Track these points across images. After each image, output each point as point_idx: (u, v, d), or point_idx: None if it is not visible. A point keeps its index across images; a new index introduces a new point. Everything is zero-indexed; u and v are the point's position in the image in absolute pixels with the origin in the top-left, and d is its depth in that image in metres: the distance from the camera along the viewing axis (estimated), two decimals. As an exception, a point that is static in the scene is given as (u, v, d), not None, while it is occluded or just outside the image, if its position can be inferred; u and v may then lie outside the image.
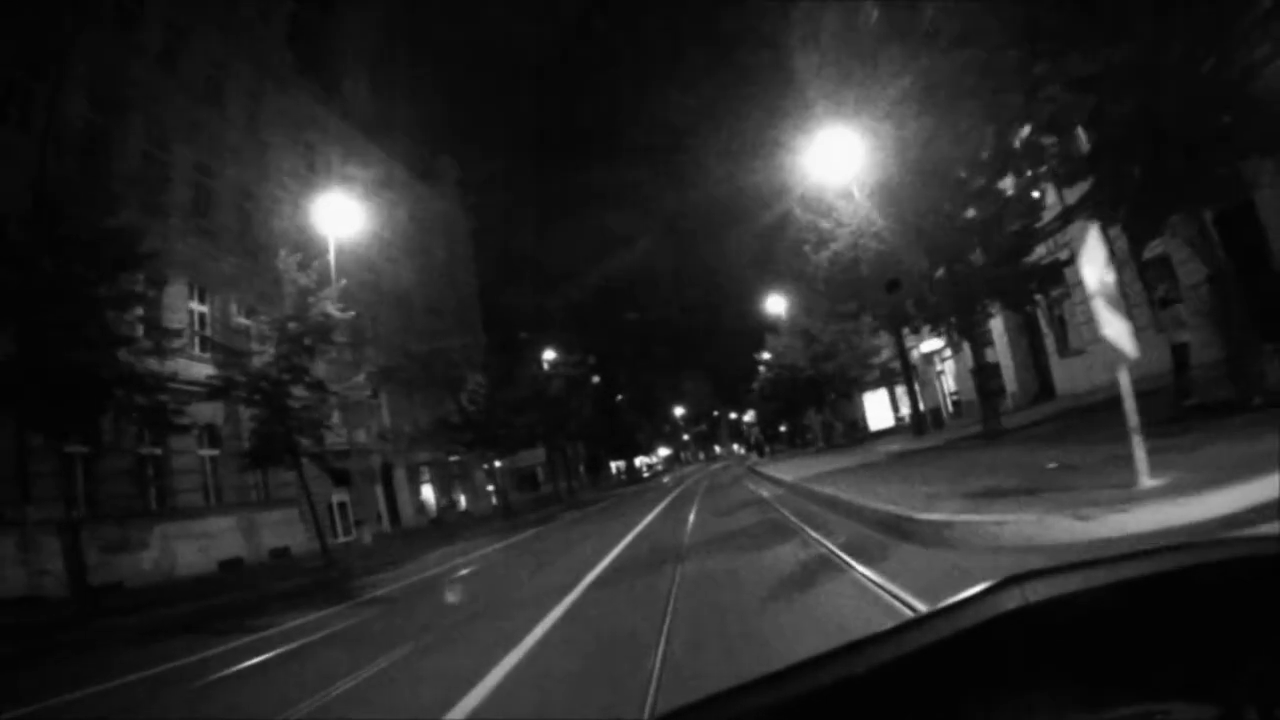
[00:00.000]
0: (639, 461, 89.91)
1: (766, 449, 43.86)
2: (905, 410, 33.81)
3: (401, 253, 45.05)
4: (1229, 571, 0.89)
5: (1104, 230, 7.19)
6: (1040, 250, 18.06)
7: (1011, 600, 0.86)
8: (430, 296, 47.77)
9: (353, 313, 24.77)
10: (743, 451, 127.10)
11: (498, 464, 47.14)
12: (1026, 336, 26.81)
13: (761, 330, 48.70)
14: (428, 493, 42.25)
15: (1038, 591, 0.87)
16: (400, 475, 39.19)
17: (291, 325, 21.42)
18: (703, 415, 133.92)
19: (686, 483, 39.30)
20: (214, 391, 22.18)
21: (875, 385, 34.73)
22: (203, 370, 23.73)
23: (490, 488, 48.02)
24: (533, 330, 47.97)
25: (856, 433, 37.74)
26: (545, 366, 45.77)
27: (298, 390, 21.87)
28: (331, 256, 27.22)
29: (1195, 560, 0.91)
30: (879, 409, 33.78)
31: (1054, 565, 0.91)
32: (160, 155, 26.83)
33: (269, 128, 33.43)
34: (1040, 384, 26.00)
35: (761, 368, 61.83)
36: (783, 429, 68.63)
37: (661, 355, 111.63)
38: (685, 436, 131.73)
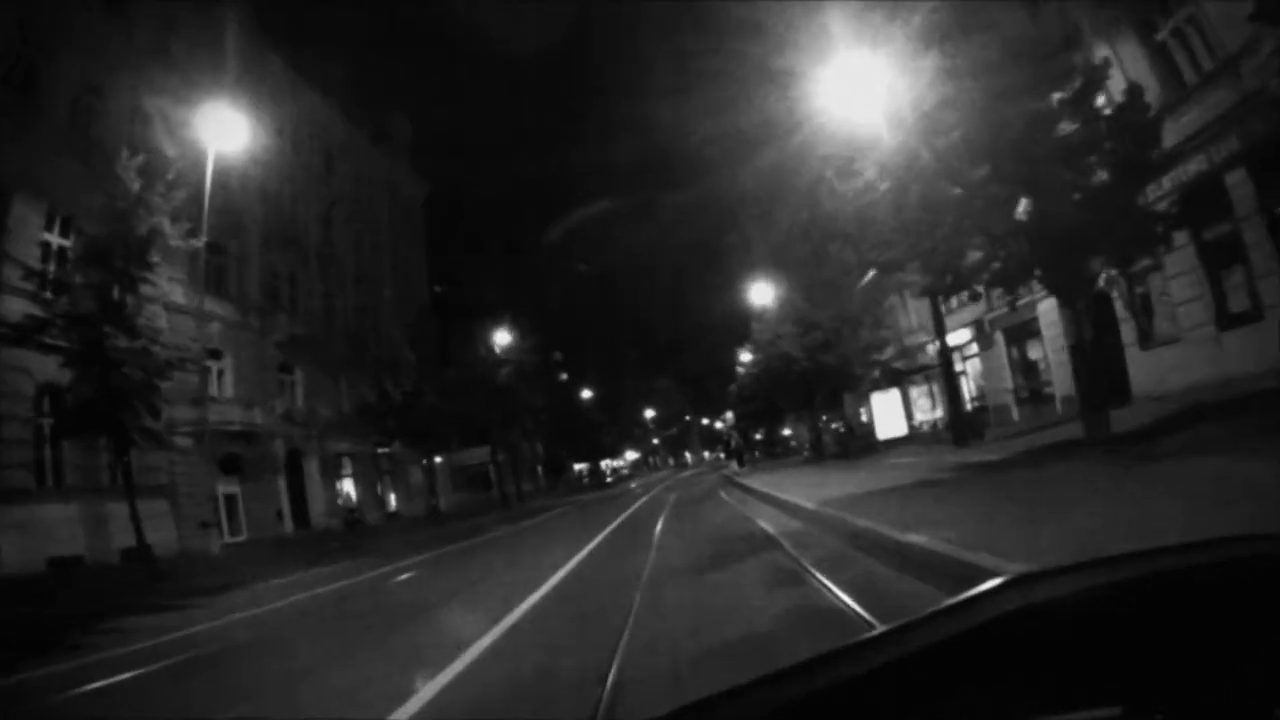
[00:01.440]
0: (604, 465, 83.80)
1: (746, 455, 38.16)
2: (924, 415, 28.29)
3: (331, 210, 38.81)
4: (1229, 571, 0.88)
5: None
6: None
7: (1012, 601, 0.85)
8: (366, 265, 41.54)
9: (202, 239, 18.71)
10: (716, 458, 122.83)
11: (438, 460, 41.17)
12: (1085, 325, 21.19)
13: (740, 332, 43.40)
14: (350, 489, 35.98)
15: (1038, 592, 0.86)
16: (312, 466, 32.96)
17: (106, 239, 15.64)
18: (674, 419, 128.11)
19: (654, 490, 33.81)
20: (20, 335, 16.78)
21: (884, 384, 29.09)
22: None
23: (439, 484, 42.07)
24: (488, 314, 41.73)
25: (854, 440, 32.12)
26: (497, 352, 39.61)
27: (122, 339, 16.08)
28: (208, 176, 21.37)
29: (1195, 560, 0.90)
30: (889, 413, 28.15)
31: (1054, 566, 0.91)
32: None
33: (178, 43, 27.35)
34: (1110, 383, 20.40)
35: (741, 367, 56.46)
36: (758, 436, 63.79)
37: (632, 355, 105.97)
38: (655, 440, 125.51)
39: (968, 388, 28.94)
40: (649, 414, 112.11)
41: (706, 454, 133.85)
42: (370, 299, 40.48)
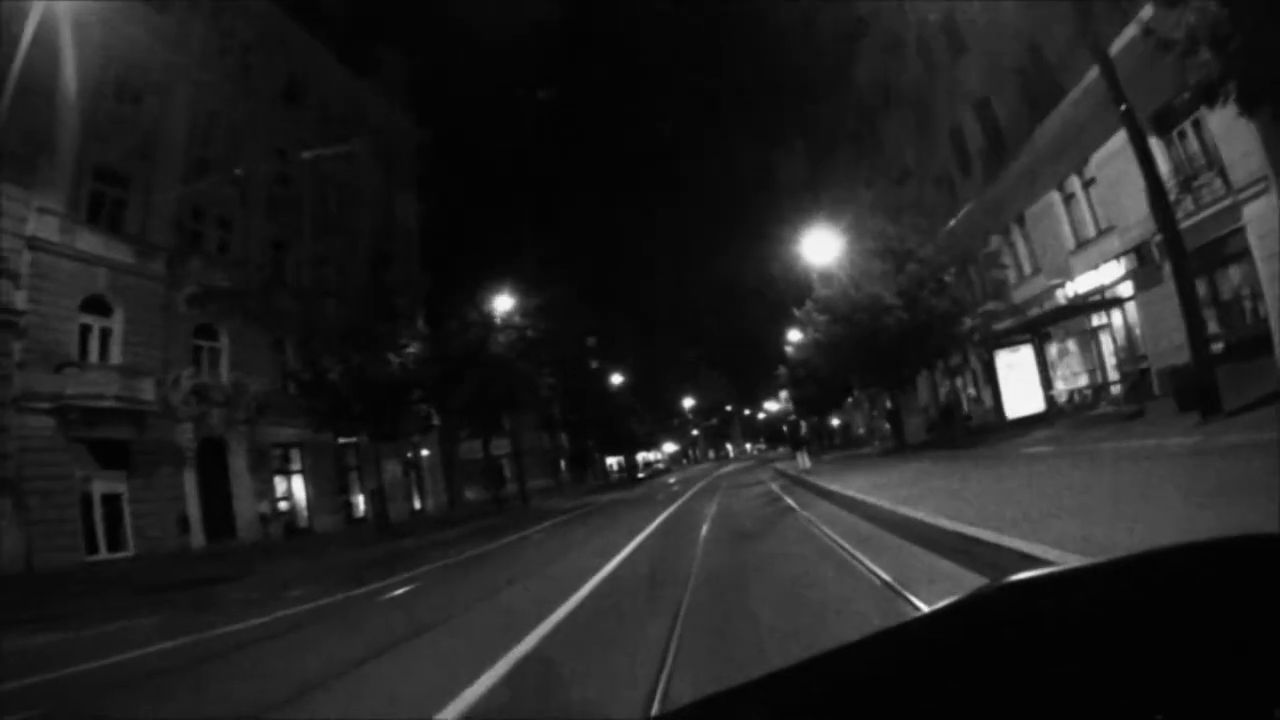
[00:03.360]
0: (639, 458, 75.46)
1: (814, 447, 29.09)
2: (1066, 383, 19.59)
3: (290, 144, 31.13)
4: (1229, 570, 0.87)
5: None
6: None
7: (1011, 600, 0.87)
8: (336, 214, 33.80)
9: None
10: (759, 449, 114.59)
11: (425, 453, 33.39)
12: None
13: (788, 309, 34.94)
14: (298, 488, 28.32)
15: (1037, 592, 0.88)
16: (238, 459, 25.35)
17: None
18: (714, 409, 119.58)
19: (690, 493, 25.92)
20: None
21: (1011, 340, 20.35)
22: None
23: (428, 483, 34.41)
24: (491, 279, 33.46)
25: (959, 422, 23.54)
26: (495, 320, 31.52)
27: None
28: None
29: (1195, 560, 0.90)
30: (1021, 380, 19.23)
31: (1055, 567, 0.91)
32: None
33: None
34: None
35: (790, 346, 47.77)
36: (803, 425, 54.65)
37: (672, 340, 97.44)
38: (694, 432, 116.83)
39: (1110, 346, 20.23)
40: (688, 403, 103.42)
41: (749, 446, 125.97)
42: (340, 253, 32.68)
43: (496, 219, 65.51)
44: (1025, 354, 19.65)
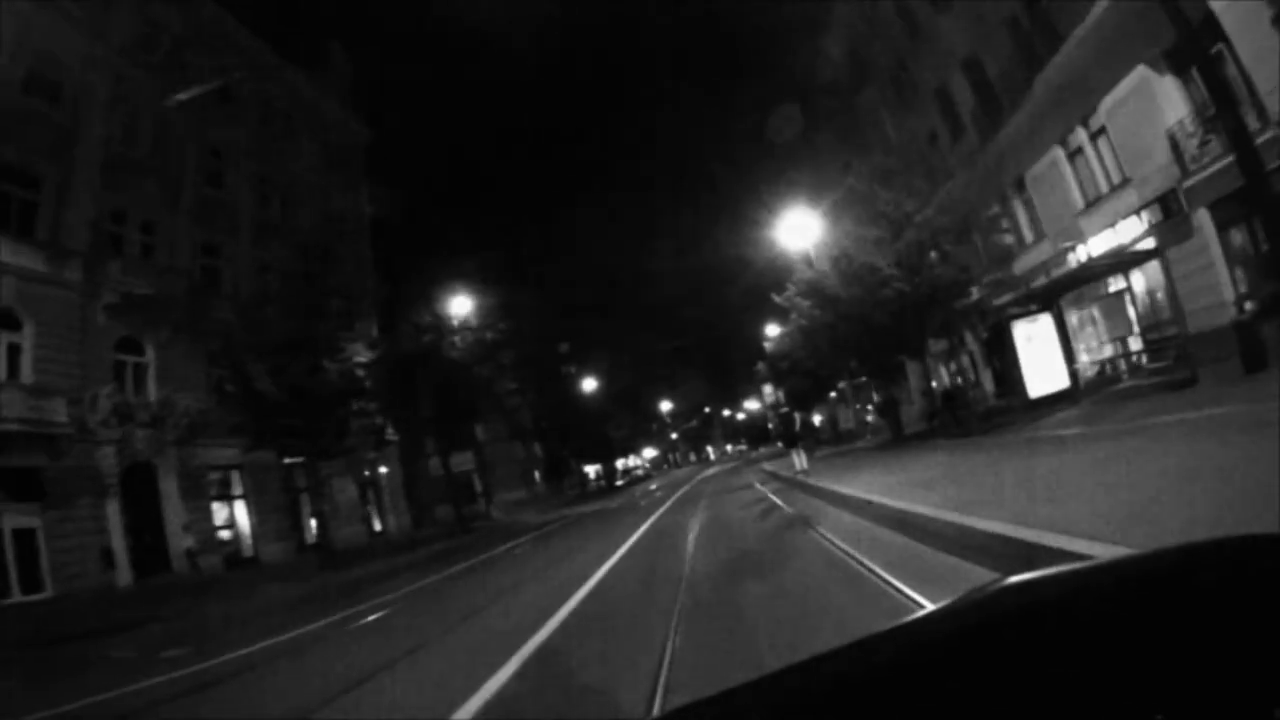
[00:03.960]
0: (619, 465, 72.95)
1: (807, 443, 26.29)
2: (1092, 354, 17.63)
3: (223, 143, 28.68)
4: (1229, 570, 0.86)
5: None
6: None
7: (1011, 600, 0.86)
8: (276, 216, 31.29)
9: None
10: (739, 450, 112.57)
11: (383, 470, 30.95)
12: None
13: (768, 302, 32.87)
14: (240, 514, 25.76)
15: (1037, 591, 0.87)
16: (170, 484, 22.83)
17: None
18: (694, 411, 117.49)
19: (671, 504, 23.81)
20: None
21: (1029, 310, 18.21)
22: None
23: (387, 502, 31.90)
24: (449, 281, 30.86)
25: (961, 407, 21.52)
26: (452, 323, 29.12)
27: None
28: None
29: (1195, 560, 0.89)
30: (1042, 354, 16.98)
31: (1056, 567, 0.91)
32: None
33: None
34: None
35: (769, 342, 45.81)
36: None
37: (647, 343, 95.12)
38: (674, 435, 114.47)
39: (1131, 313, 18.29)
40: (666, 406, 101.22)
41: (729, 447, 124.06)
42: (283, 258, 30.12)
43: (457, 221, 62.92)
44: (1045, 325, 17.59)
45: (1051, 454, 9.39)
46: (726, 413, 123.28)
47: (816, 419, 50.38)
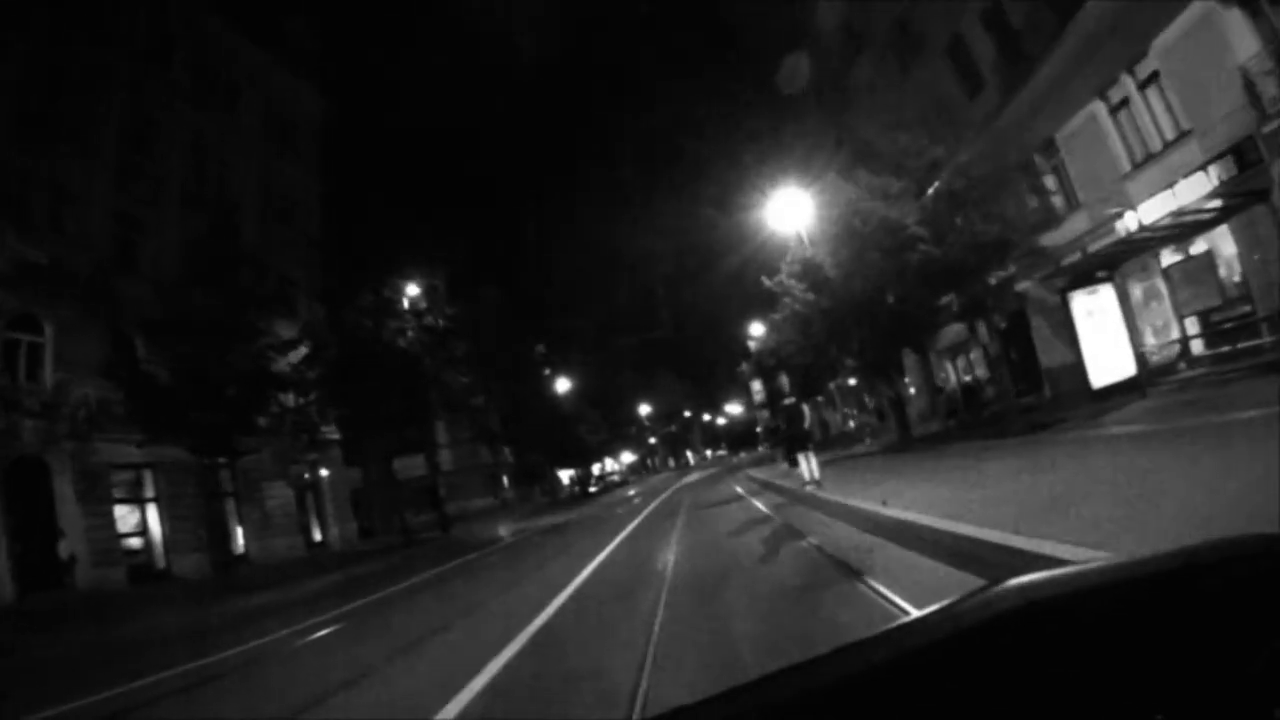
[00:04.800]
0: (595, 470, 69.66)
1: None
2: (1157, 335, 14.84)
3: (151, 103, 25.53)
4: (1228, 571, 0.87)
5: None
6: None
7: (1011, 600, 0.86)
8: (212, 186, 28.05)
9: None
10: (719, 456, 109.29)
11: (323, 472, 27.85)
12: None
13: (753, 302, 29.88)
14: (153, 520, 22.52)
15: (1037, 591, 0.87)
16: (64, 484, 19.64)
17: None
18: (672, 415, 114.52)
19: (652, 507, 21.12)
20: None
21: (1083, 280, 15.24)
22: None
23: (329, 510, 28.68)
24: (406, 269, 27.63)
25: (976, 404, 18.78)
26: (405, 308, 26.07)
27: None
28: None
29: (1195, 560, 0.89)
30: (1104, 335, 13.92)
31: (1054, 567, 0.93)
32: None
33: None
34: None
35: (754, 341, 42.95)
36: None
37: (625, 344, 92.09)
38: (652, 440, 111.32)
39: (1207, 284, 15.50)
40: (645, 409, 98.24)
41: (709, 452, 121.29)
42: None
43: (426, 212, 59.54)
44: (1106, 298, 14.56)
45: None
46: (706, 417, 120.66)
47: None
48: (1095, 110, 16.95)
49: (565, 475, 66.58)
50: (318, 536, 27.90)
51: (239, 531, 24.69)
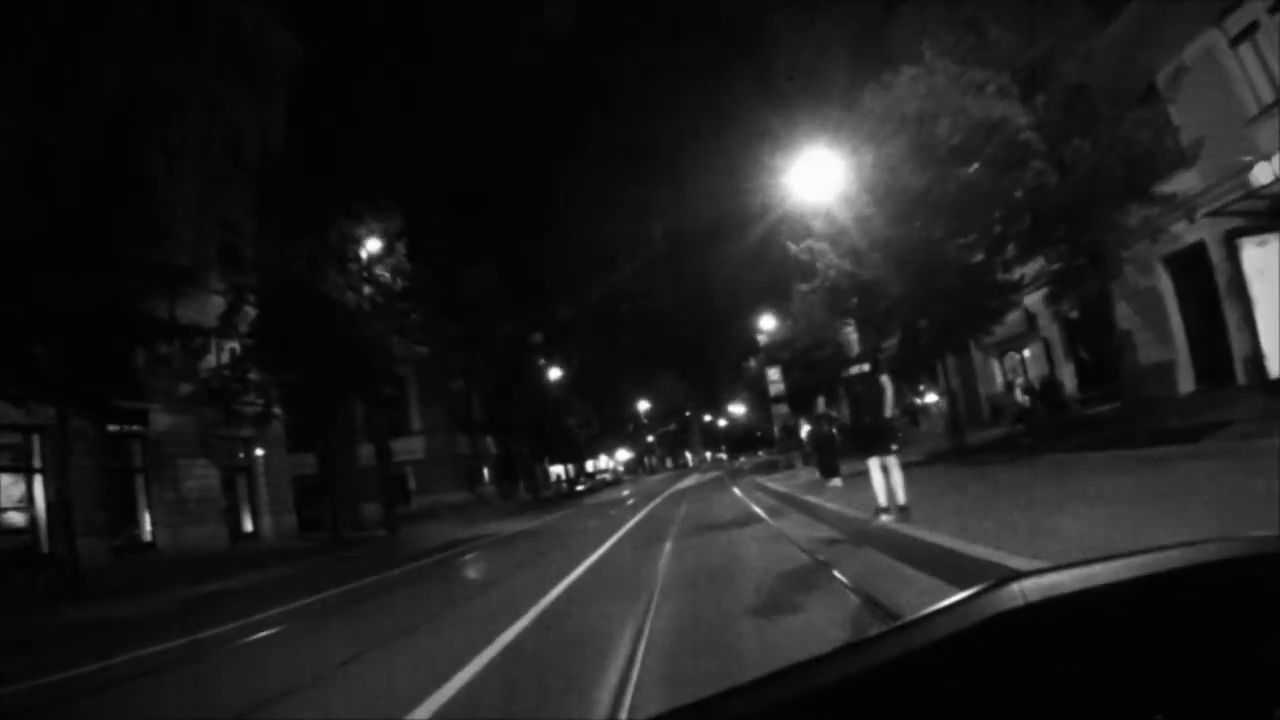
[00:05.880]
0: (588, 467, 65.67)
1: (829, 452, 16.49)
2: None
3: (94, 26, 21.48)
4: (1229, 570, 0.86)
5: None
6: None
7: (1011, 600, 0.84)
8: (159, 122, 24.01)
9: None
10: (719, 459, 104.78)
11: (258, 452, 24.00)
12: None
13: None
14: (39, 495, 18.58)
15: (1037, 591, 0.85)
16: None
17: None
18: (672, 414, 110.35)
19: (645, 513, 17.57)
20: None
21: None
22: None
23: (263, 496, 24.65)
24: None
25: (1056, 404, 14.76)
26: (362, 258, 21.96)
27: None
28: None
29: (1195, 559, 0.87)
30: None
31: (1054, 565, 0.88)
32: None
33: None
34: None
35: (763, 335, 38.87)
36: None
37: (627, 340, 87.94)
38: (650, 438, 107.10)
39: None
40: (643, 407, 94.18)
41: (708, 454, 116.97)
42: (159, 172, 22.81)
43: (391, 170, 54.95)
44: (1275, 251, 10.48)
45: None
46: (707, 418, 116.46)
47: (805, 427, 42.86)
48: (1211, 42, 13.18)
49: (559, 471, 62.60)
50: (249, 526, 23.87)
51: (147, 517, 20.73)
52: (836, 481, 13.36)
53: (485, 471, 47.50)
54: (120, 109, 20.14)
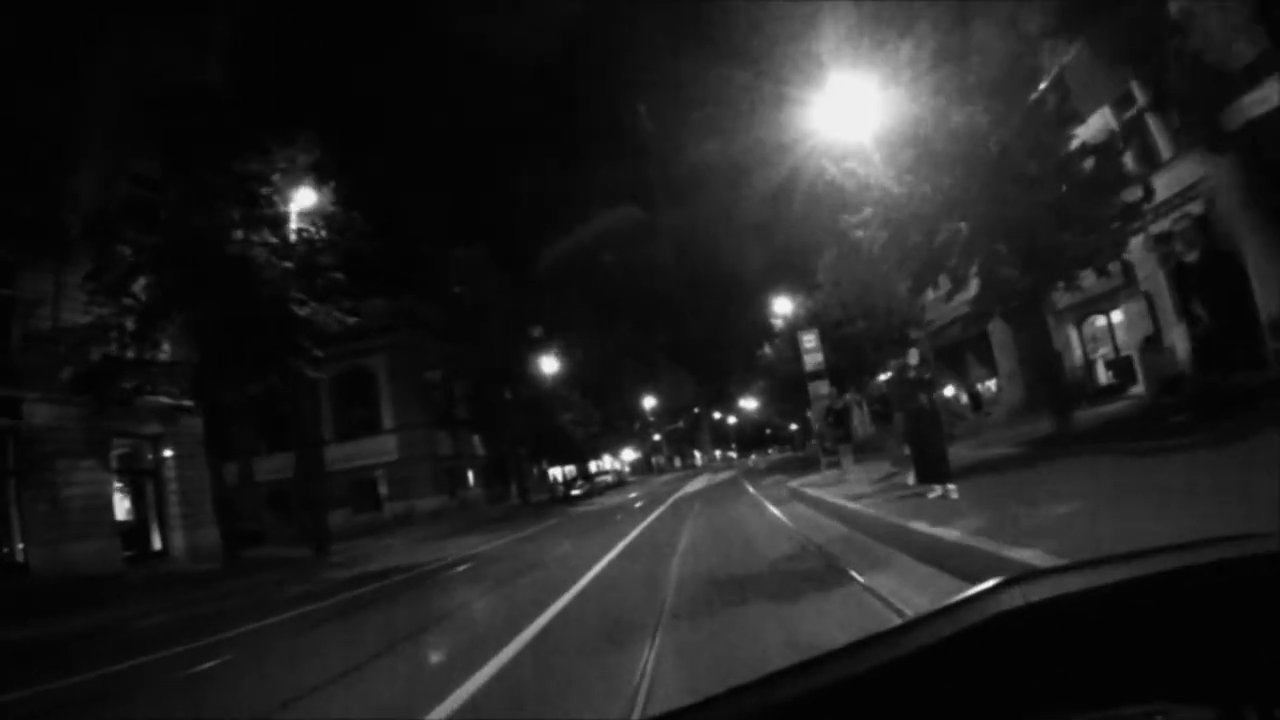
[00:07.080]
0: (585, 468, 61.17)
1: (905, 447, 10.14)
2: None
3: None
4: (1228, 571, 0.85)
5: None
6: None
7: (1012, 600, 0.84)
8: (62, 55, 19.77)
9: None
10: (727, 455, 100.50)
11: (167, 452, 19.72)
12: None
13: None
14: None
15: (1038, 591, 0.85)
16: None
17: None
18: (681, 411, 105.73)
19: (641, 529, 14.21)
20: None
21: None
22: None
23: (172, 506, 20.24)
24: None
25: (1221, 371, 10.54)
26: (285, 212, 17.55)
27: None
28: None
29: (1194, 560, 0.87)
30: None
31: (1054, 565, 0.88)
32: None
33: None
34: None
35: (779, 318, 34.61)
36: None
37: (629, 333, 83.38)
38: (656, 436, 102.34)
39: None
40: (649, 403, 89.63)
41: (718, 453, 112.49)
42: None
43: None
44: None
45: None
46: (717, 415, 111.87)
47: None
48: None
49: (559, 473, 58.17)
50: (158, 544, 19.52)
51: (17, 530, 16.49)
52: (950, 489, 8.14)
53: (470, 474, 43.09)
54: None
